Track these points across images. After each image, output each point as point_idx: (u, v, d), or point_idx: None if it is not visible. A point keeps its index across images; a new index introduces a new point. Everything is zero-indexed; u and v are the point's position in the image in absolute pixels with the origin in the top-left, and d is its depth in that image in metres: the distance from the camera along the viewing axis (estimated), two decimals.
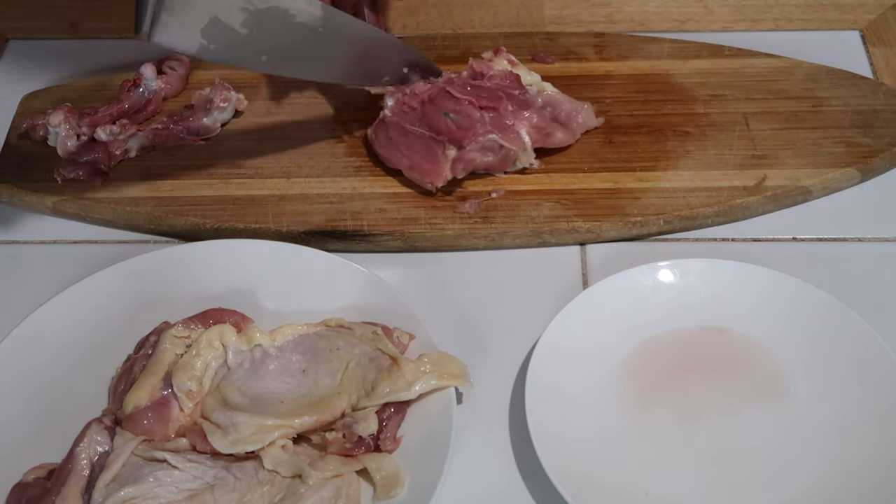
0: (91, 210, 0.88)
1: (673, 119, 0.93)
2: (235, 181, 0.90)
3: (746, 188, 0.87)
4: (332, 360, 0.74)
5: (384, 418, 0.72)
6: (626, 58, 0.99)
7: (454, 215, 0.86)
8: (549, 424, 0.71)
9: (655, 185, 0.88)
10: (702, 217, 0.86)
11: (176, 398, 0.72)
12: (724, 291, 0.80)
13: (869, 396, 0.73)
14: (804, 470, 0.71)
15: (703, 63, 0.98)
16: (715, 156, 0.90)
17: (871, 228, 0.87)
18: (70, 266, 0.85)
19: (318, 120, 0.95)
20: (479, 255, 0.86)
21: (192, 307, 0.78)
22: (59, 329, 0.78)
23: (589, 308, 0.78)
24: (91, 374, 0.77)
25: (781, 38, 1.02)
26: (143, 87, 0.95)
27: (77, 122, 0.91)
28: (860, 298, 0.79)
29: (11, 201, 0.90)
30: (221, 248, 0.82)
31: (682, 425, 0.74)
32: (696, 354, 0.78)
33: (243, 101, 0.95)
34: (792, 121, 0.93)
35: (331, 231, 0.85)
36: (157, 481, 0.68)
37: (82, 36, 1.07)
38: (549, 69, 0.98)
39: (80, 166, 0.89)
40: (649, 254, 0.85)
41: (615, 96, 0.95)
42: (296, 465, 0.69)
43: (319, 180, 0.89)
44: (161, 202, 0.88)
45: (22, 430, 0.73)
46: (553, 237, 0.86)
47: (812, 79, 0.96)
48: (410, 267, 0.85)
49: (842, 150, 0.90)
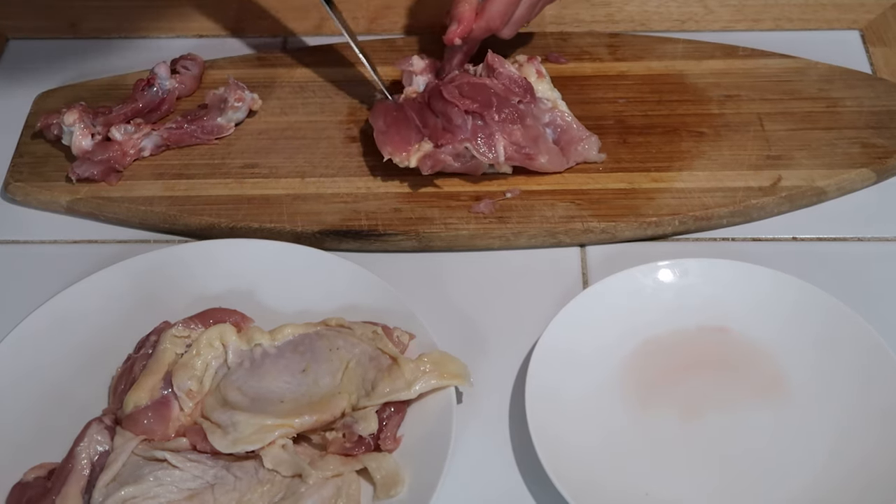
0: (105, 209, 0.88)
1: (687, 119, 0.93)
2: (250, 181, 0.89)
3: (762, 189, 0.87)
4: (332, 359, 0.74)
5: (384, 418, 0.72)
6: (640, 58, 0.99)
7: (469, 215, 0.86)
8: (550, 424, 0.71)
9: (670, 186, 0.87)
10: (717, 217, 0.86)
11: (176, 398, 0.72)
12: (725, 291, 0.80)
13: (869, 396, 0.73)
14: (805, 469, 0.71)
15: (718, 63, 0.98)
16: (730, 156, 0.90)
17: (882, 229, 0.87)
18: (70, 266, 0.85)
19: (332, 119, 0.95)
20: (480, 255, 0.86)
21: (192, 307, 0.78)
22: (59, 329, 0.78)
23: (589, 308, 0.78)
24: (91, 374, 0.77)
25: (781, 38, 1.02)
26: (156, 86, 0.95)
27: (91, 122, 0.91)
28: (860, 298, 0.79)
29: (26, 200, 0.90)
30: (221, 248, 0.82)
31: (682, 425, 0.74)
32: (696, 354, 0.78)
33: (257, 101, 0.95)
34: (806, 121, 0.92)
35: (346, 231, 0.85)
36: (158, 481, 0.68)
37: (82, 36, 1.06)
38: (562, 69, 0.97)
39: (95, 165, 0.89)
40: (649, 254, 0.85)
41: (629, 96, 0.95)
42: (296, 465, 0.69)
43: (334, 180, 0.89)
44: (176, 202, 0.88)
45: (22, 430, 0.73)
46: (568, 237, 0.85)
47: (826, 79, 0.96)
48: (410, 266, 0.85)
49: (857, 151, 0.90)
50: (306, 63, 1.00)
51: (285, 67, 1.00)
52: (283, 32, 1.06)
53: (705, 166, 0.89)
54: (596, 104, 0.94)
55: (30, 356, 0.76)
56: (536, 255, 0.86)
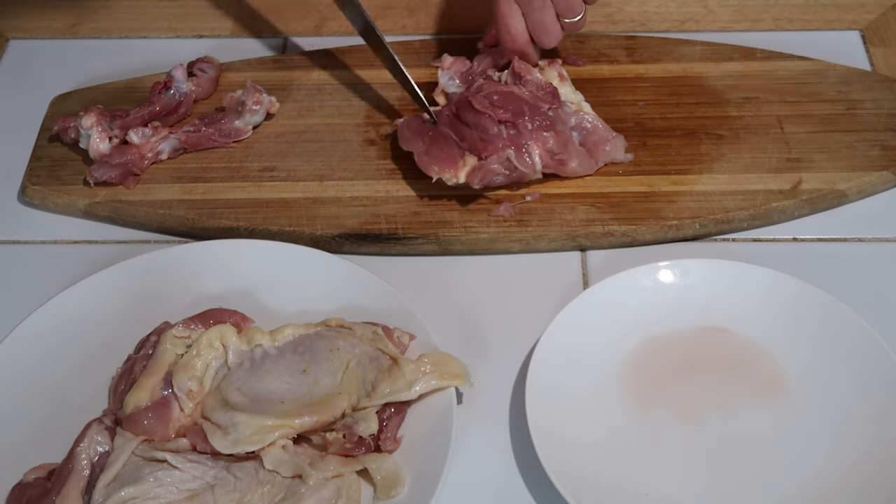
0: (124, 213, 0.88)
1: (706, 122, 0.93)
2: (268, 184, 0.89)
3: (782, 192, 0.86)
4: (333, 360, 0.74)
5: (384, 418, 0.72)
6: (657, 60, 0.99)
7: (489, 219, 0.86)
8: (550, 424, 0.71)
9: (690, 189, 0.87)
10: (738, 221, 0.86)
11: (176, 398, 0.72)
12: (725, 292, 0.80)
13: (869, 396, 0.73)
14: (804, 469, 0.71)
15: (736, 66, 0.98)
16: (749, 159, 0.89)
17: (882, 229, 0.87)
18: (70, 266, 0.85)
19: (349, 122, 0.94)
20: (479, 255, 0.86)
21: (192, 307, 0.78)
22: (59, 329, 0.78)
23: (589, 308, 0.78)
24: (91, 374, 0.77)
25: (782, 38, 1.02)
26: (173, 89, 0.94)
27: (109, 125, 0.90)
28: (860, 299, 0.79)
29: (43, 204, 0.90)
30: (221, 248, 0.82)
31: (682, 425, 0.74)
32: (696, 354, 0.78)
33: (275, 104, 0.94)
34: (826, 123, 0.92)
35: (365, 234, 0.85)
36: (158, 481, 0.68)
37: (82, 36, 1.06)
38: (580, 72, 0.97)
39: (113, 169, 0.88)
40: (650, 254, 0.85)
41: (648, 99, 0.95)
42: (296, 466, 0.69)
43: (352, 183, 0.89)
44: (194, 205, 0.88)
45: (22, 430, 0.73)
46: (588, 241, 0.85)
47: (845, 81, 0.96)
48: (411, 267, 0.85)
49: (877, 154, 0.89)
50: (323, 65, 1.00)
51: (302, 69, 0.99)
52: (288, 32, 1.06)
53: (725, 169, 0.89)
54: (616, 107, 0.94)
55: (30, 356, 0.76)
56: (537, 254, 0.86)
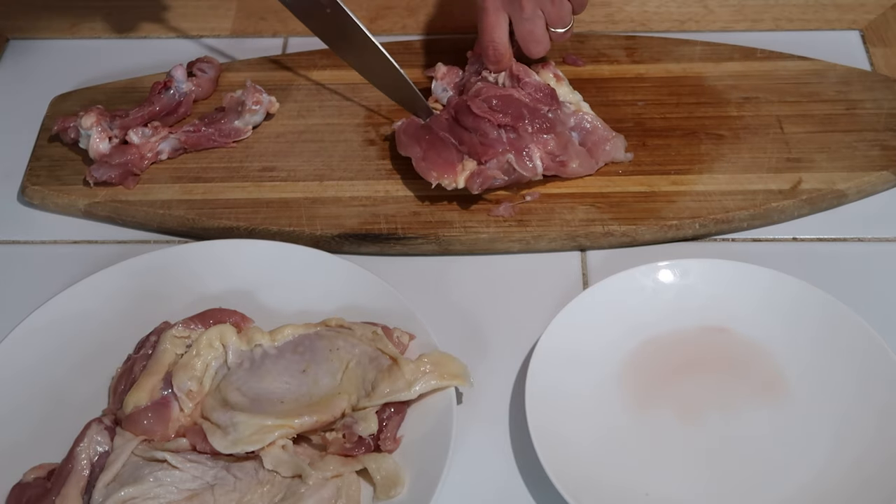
0: (124, 213, 0.88)
1: (706, 122, 0.93)
2: (268, 184, 0.89)
3: (782, 192, 0.87)
4: (332, 360, 0.74)
5: (384, 418, 0.72)
6: (657, 60, 0.99)
7: (488, 218, 0.86)
8: (550, 424, 0.71)
9: (690, 189, 0.87)
10: (737, 220, 0.86)
11: (176, 398, 0.72)
12: (725, 291, 0.80)
13: (869, 396, 0.73)
14: (804, 469, 0.71)
15: (736, 66, 0.98)
16: (749, 159, 0.89)
17: (882, 229, 0.87)
18: (69, 266, 0.85)
19: (349, 122, 0.94)
20: (479, 255, 0.86)
21: (192, 307, 0.78)
22: (59, 329, 0.78)
23: (589, 308, 0.78)
24: (91, 374, 0.77)
25: (782, 38, 1.02)
26: (173, 89, 0.94)
27: (109, 125, 0.90)
28: (860, 298, 0.79)
29: (43, 204, 0.90)
30: (221, 248, 0.82)
31: (682, 425, 0.74)
32: (696, 354, 0.78)
33: (275, 104, 0.94)
34: (826, 123, 0.92)
35: (365, 234, 0.85)
36: (158, 481, 0.68)
37: (82, 36, 1.06)
38: (580, 72, 0.97)
39: (112, 169, 0.88)
40: (649, 254, 0.85)
41: (648, 99, 0.95)
42: (296, 465, 0.69)
43: (352, 183, 0.89)
44: (194, 205, 0.88)
45: (22, 430, 0.73)
46: (588, 240, 0.85)
47: (845, 81, 0.96)
48: (411, 267, 0.85)
49: (877, 154, 0.89)
50: (322, 65, 1.00)
51: (302, 69, 0.99)
52: (288, 32, 1.06)
53: (725, 169, 0.89)
54: (615, 106, 0.94)
55: (30, 356, 0.76)
56: (537, 254, 0.86)
